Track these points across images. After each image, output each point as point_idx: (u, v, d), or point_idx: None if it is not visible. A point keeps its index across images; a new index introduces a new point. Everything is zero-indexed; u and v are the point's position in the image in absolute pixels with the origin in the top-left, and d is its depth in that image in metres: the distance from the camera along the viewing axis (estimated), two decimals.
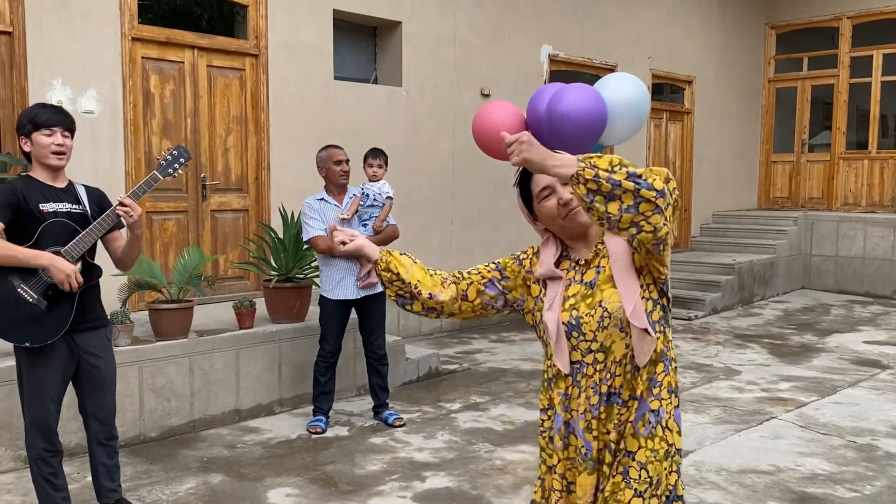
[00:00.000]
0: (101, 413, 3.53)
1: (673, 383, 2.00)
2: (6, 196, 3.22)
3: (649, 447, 1.96)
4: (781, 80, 12.69)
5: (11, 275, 3.21)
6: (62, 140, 3.29)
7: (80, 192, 3.43)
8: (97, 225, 3.29)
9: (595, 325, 1.97)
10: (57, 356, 3.32)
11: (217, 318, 5.54)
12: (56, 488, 3.42)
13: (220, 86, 6.40)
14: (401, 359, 6.14)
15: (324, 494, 4.04)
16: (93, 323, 3.44)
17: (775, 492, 4.10)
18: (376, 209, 5.13)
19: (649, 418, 1.96)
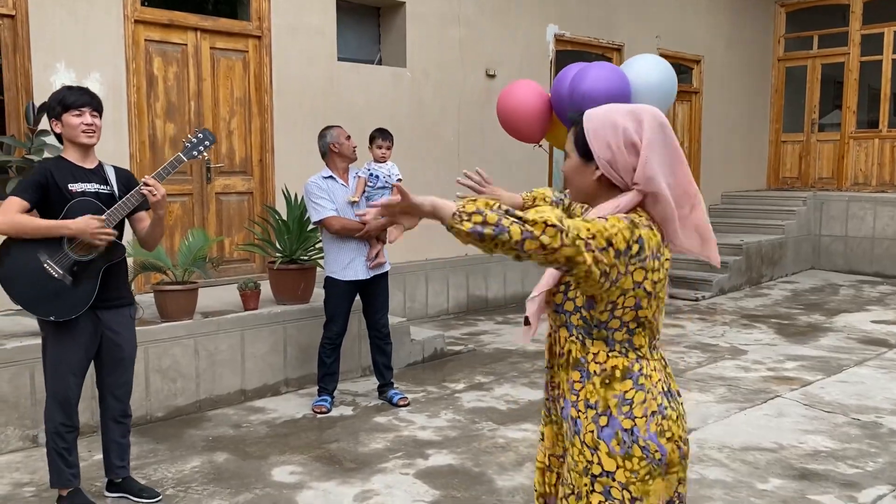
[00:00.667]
0: (119, 390, 3.61)
1: (592, 399, 1.91)
2: (34, 177, 3.34)
3: (572, 455, 1.95)
4: (791, 58, 12.57)
5: (38, 251, 3.30)
6: (91, 119, 3.38)
7: (108, 173, 3.52)
8: (122, 203, 3.38)
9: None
10: (81, 331, 3.41)
11: (222, 300, 5.58)
12: (68, 464, 3.49)
13: (223, 68, 6.40)
14: (406, 340, 6.17)
15: (327, 472, 4.08)
16: (117, 301, 3.53)
17: (777, 468, 4.10)
18: (386, 191, 5.12)
19: (569, 424, 1.95)
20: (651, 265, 1.85)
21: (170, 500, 3.73)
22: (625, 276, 1.81)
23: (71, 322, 3.36)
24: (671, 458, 1.92)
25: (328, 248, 5.07)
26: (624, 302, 1.85)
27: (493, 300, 8.57)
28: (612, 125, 1.88)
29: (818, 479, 3.96)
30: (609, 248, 1.77)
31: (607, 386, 1.90)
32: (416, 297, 7.86)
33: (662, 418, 1.91)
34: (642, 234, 1.83)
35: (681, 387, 5.54)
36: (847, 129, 11.91)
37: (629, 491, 1.88)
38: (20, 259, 3.29)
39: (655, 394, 1.92)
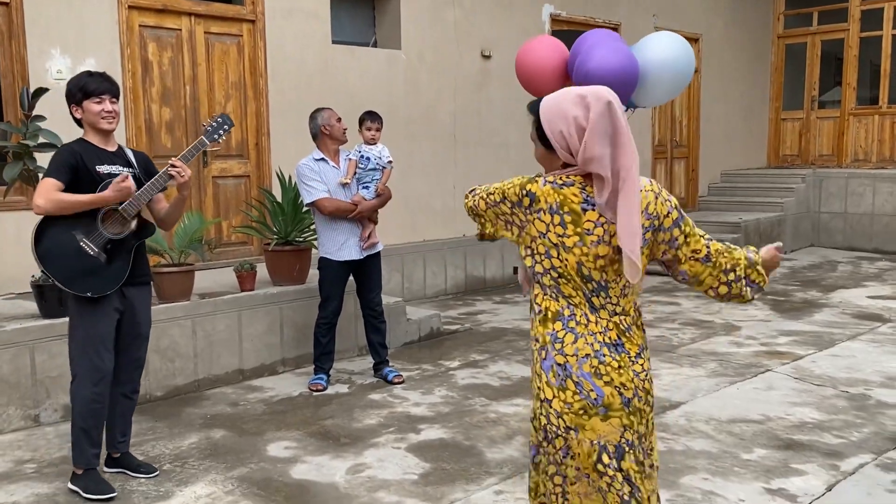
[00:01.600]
0: (133, 366, 3.74)
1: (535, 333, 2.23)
2: (65, 157, 3.43)
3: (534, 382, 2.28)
4: (791, 35, 12.53)
5: (74, 229, 3.43)
6: (111, 107, 3.50)
7: (130, 156, 3.66)
8: (152, 184, 3.51)
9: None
10: (110, 307, 3.53)
11: (220, 282, 5.66)
12: (93, 444, 3.59)
13: (217, 52, 6.46)
14: (402, 319, 6.25)
15: (321, 446, 4.17)
16: (142, 278, 3.68)
17: (762, 439, 4.18)
18: (377, 172, 5.19)
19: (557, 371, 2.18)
20: (549, 219, 2.09)
21: (167, 474, 3.82)
22: (529, 223, 2.13)
23: (101, 298, 3.48)
24: (609, 401, 2.12)
25: (321, 229, 5.13)
26: (537, 248, 2.14)
27: (490, 280, 8.64)
28: (563, 115, 2.07)
29: (802, 449, 4.04)
30: (505, 200, 2.16)
31: (543, 324, 2.18)
32: (413, 278, 7.93)
33: (599, 363, 2.13)
34: (533, 189, 2.12)
35: (672, 363, 5.63)
36: (847, 106, 11.89)
37: (563, 419, 2.14)
38: (57, 238, 3.42)
39: (590, 340, 2.13)
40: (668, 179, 11.22)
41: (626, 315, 2.20)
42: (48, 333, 4.49)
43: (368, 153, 5.15)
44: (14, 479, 3.80)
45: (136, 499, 3.58)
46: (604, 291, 2.16)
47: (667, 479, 3.68)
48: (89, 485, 3.56)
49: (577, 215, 2.08)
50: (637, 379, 2.17)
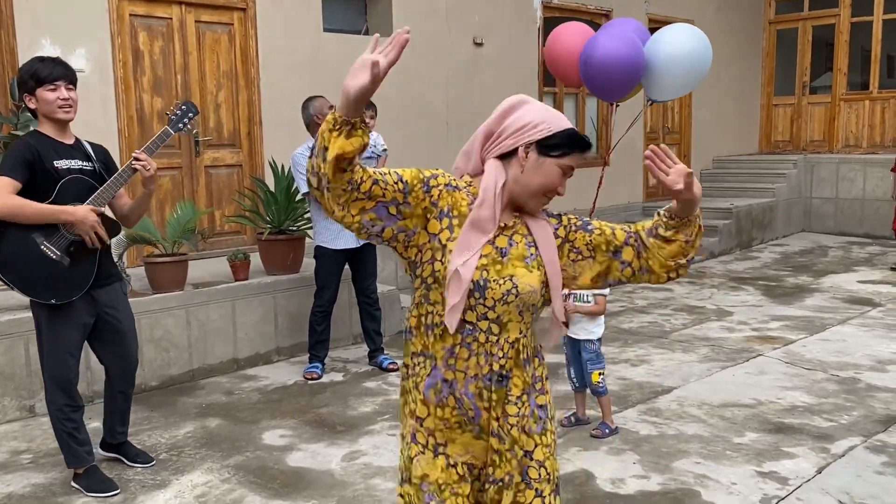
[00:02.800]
0: (124, 362, 3.65)
1: (546, 372, 2.02)
2: (21, 154, 3.21)
3: (544, 443, 1.95)
4: (782, 21, 12.53)
5: (34, 232, 3.23)
6: (67, 94, 3.27)
7: (88, 149, 3.46)
8: (114, 181, 3.34)
9: (499, 295, 1.84)
10: (77, 313, 3.38)
11: (213, 272, 5.66)
12: (80, 442, 3.53)
13: (208, 41, 6.43)
14: (396, 308, 6.26)
15: (316, 434, 4.19)
16: (108, 279, 3.52)
17: (754, 423, 4.22)
18: (373, 160, 5.25)
19: (539, 414, 1.94)
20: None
21: (163, 463, 3.84)
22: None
23: (68, 305, 3.32)
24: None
25: (317, 218, 5.14)
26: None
27: None
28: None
29: (793, 433, 4.08)
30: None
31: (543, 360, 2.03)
32: None
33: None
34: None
35: (665, 348, 5.68)
36: (838, 92, 11.92)
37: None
38: (16, 242, 3.21)
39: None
40: None
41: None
42: None
43: None
44: (10, 470, 3.81)
45: (133, 488, 3.59)
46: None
47: (659, 464, 3.72)
48: (92, 483, 3.53)
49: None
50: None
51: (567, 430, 4.17)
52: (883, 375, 4.97)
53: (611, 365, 5.17)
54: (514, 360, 1.89)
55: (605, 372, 4.13)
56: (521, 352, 1.90)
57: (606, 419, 4.12)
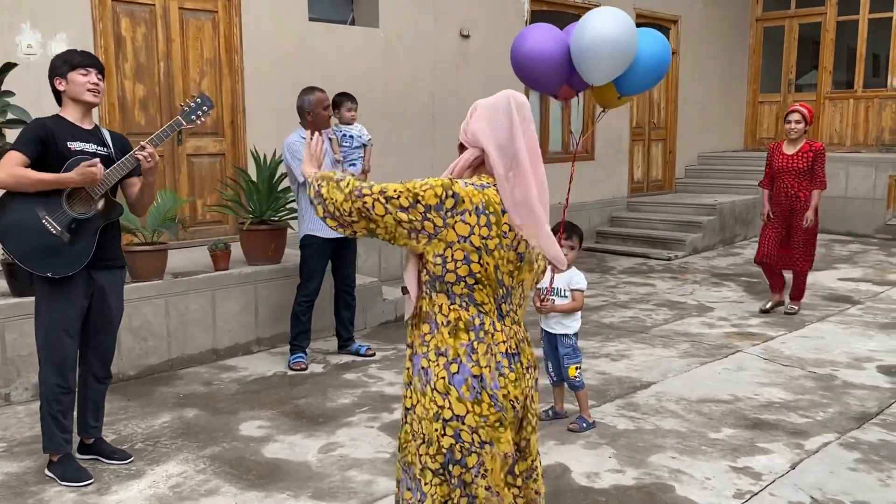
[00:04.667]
0: (103, 352, 3.64)
1: (442, 346, 2.04)
2: (34, 131, 3.32)
3: (422, 404, 2.07)
4: (769, 18, 12.57)
5: (37, 206, 3.31)
6: (97, 80, 3.40)
7: (105, 136, 3.54)
8: (119, 165, 3.39)
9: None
10: (75, 291, 3.42)
11: (195, 261, 5.63)
12: (62, 428, 3.51)
13: (192, 28, 6.37)
14: (378, 299, 6.25)
15: (294, 426, 4.18)
16: (112, 262, 3.56)
17: (730, 419, 4.24)
18: (360, 150, 5.34)
19: (420, 374, 2.08)
20: (474, 220, 1.98)
21: (139, 453, 3.82)
22: (447, 228, 1.96)
23: (66, 280, 3.36)
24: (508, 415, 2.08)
25: (306, 207, 5.11)
26: (453, 254, 1.98)
27: None
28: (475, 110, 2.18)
29: (769, 429, 4.11)
30: (417, 204, 1.95)
31: (454, 336, 2.03)
32: (390, 259, 7.92)
33: (500, 375, 2.07)
34: (457, 190, 1.98)
35: (645, 343, 5.70)
36: (823, 90, 11.98)
37: (478, 434, 2.03)
38: (18, 214, 3.30)
39: (494, 350, 2.07)
40: (645, 161, 11.27)
41: (520, 326, 2.19)
42: (18, 312, 4.45)
43: (350, 132, 5.31)
44: None
45: (107, 477, 3.57)
46: (510, 298, 2.12)
47: (635, 458, 3.74)
48: (66, 471, 3.51)
49: (499, 216, 2.02)
50: (528, 390, 2.16)
51: (545, 423, 4.18)
52: (859, 373, 5.01)
53: (591, 360, 5.18)
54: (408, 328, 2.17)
55: (582, 366, 4.14)
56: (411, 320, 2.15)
57: (584, 413, 4.13)
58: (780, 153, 6.46)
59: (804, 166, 6.33)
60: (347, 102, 5.32)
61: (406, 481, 2.18)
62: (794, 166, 6.37)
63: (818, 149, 6.39)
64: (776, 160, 6.46)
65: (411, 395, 2.13)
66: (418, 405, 2.07)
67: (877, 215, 10.79)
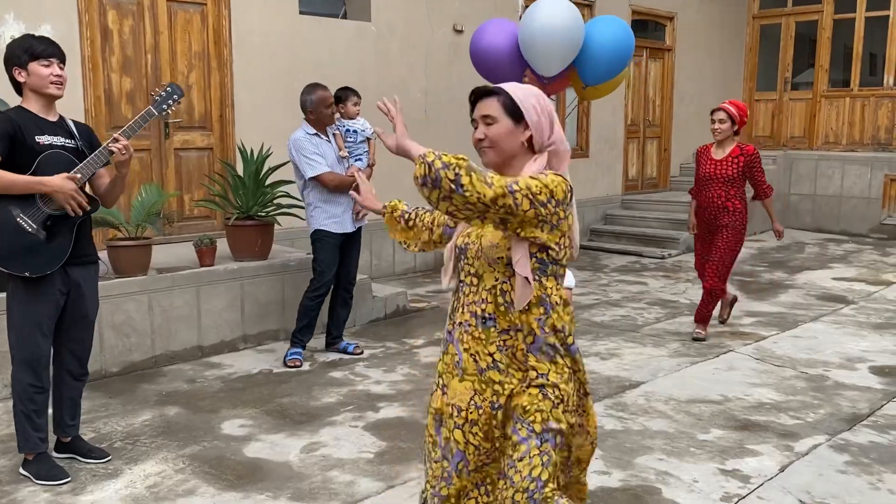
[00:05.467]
0: (79, 348, 3.56)
1: (559, 324, 2.22)
2: (2, 127, 3.18)
3: (555, 370, 2.21)
4: (766, 16, 12.51)
5: (10, 204, 3.21)
6: (59, 71, 3.30)
7: (71, 127, 3.44)
8: (93, 159, 3.30)
9: (474, 252, 2.22)
10: (51, 289, 3.34)
11: (180, 257, 5.55)
12: (36, 427, 3.43)
13: (180, 21, 6.28)
14: (368, 297, 6.19)
15: (277, 425, 4.12)
16: (86, 257, 3.48)
17: (719, 420, 4.18)
18: (365, 144, 5.32)
19: (546, 350, 2.21)
20: (573, 209, 2.25)
21: (117, 452, 3.75)
22: (566, 218, 2.17)
23: (42, 279, 3.28)
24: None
25: (318, 202, 5.06)
26: (565, 241, 2.21)
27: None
28: (534, 95, 2.24)
29: (758, 430, 4.05)
30: (552, 199, 2.10)
31: (564, 312, 2.24)
32: (382, 255, 7.86)
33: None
34: (571, 186, 2.20)
35: (636, 342, 5.64)
36: (819, 88, 11.92)
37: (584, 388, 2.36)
38: None
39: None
40: (640, 159, 11.21)
41: None
42: None
43: (354, 126, 5.30)
44: None
45: (84, 477, 3.50)
46: None
47: (622, 460, 3.68)
48: (41, 470, 3.44)
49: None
50: None
51: None
52: (851, 373, 4.95)
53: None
54: (493, 304, 2.18)
55: None
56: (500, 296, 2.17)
57: None
58: (708, 157, 5.68)
59: (733, 173, 5.52)
60: (353, 97, 5.27)
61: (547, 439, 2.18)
62: (720, 173, 5.55)
63: (750, 153, 5.56)
64: (702, 165, 5.69)
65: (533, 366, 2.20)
66: (550, 373, 2.20)
67: (872, 215, 10.75)
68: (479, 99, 2.25)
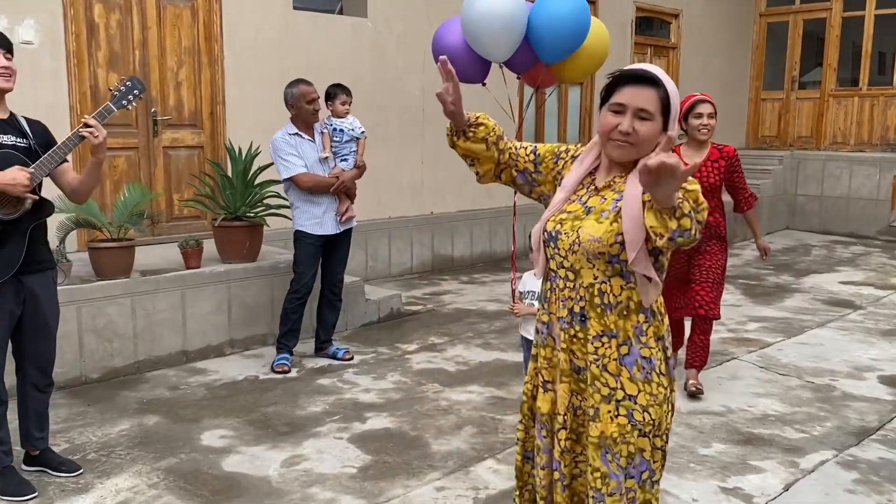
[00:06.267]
0: (41, 359, 3.38)
1: (660, 332, 2.07)
2: None
3: (647, 391, 2.04)
4: (773, 14, 12.30)
5: None
6: (6, 62, 3.10)
7: (23, 125, 3.24)
8: (60, 148, 3.12)
9: (567, 245, 2.05)
10: (6, 298, 3.15)
11: (167, 258, 5.38)
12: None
13: (169, 15, 6.11)
14: (360, 300, 6.01)
15: (258, 436, 3.95)
16: (41, 265, 3.28)
17: (721, 433, 4.00)
18: (353, 144, 5.07)
19: (642, 364, 2.04)
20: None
21: (90, 464, 3.58)
22: None
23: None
24: None
25: (298, 203, 4.95)
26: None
27: (458, 259, 8.42)
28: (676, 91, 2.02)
29: (762, 444, 3.86)
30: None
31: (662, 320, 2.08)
32: (378, 256, 7.69)
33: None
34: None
35: None
36: (827, 87, 11.71)
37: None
38: None
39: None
40: None
41: None
42: None
43: (341, 125, 5.06)
44: None
45: (52, 492, 3.34)
46: None
47: None
48: (7, 485, 3.27)
49: None
50: None
51: None
52: (859, 383, 4.77)
53: None
54: (588, 302, 2.04)
55: None
56: (597, 296, 2.03)
57: None
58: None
59: (714, 181, 4.47)
60: (342, 95, 5.05)
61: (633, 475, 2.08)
62: (701, 182, 4.39)
63: (730, 154, 4.54)
64: None
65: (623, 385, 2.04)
66: (640, 394, 2.03)
67: (880, 216, 10.54)
68: (629, 83, 1.96)
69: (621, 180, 2.03)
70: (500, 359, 5.22)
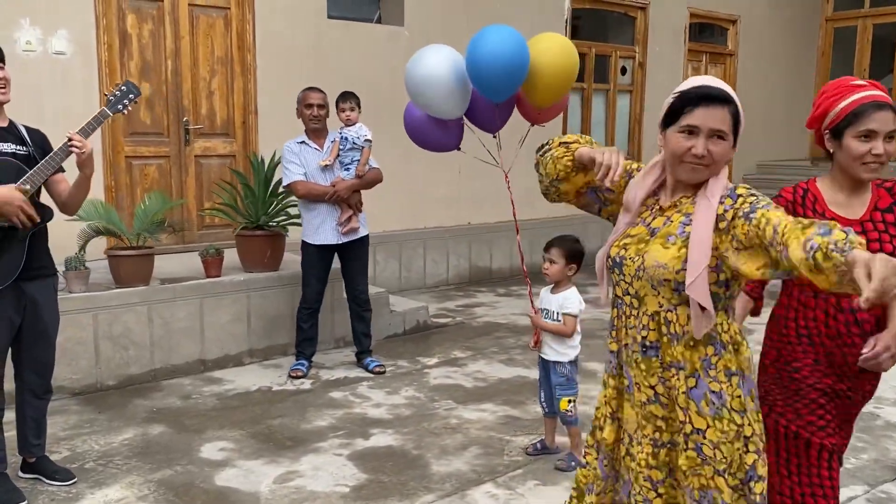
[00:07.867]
0: (40, 366, 3.38)
1: (732, 366, 1.92)
2: None
3: (718, 428, 1.92)
4: (840, 18, 11.74)
5: None
6: (1, 73, 3.11)
7: (23, 133, 3.25)
8: (46, 162, 3.13)
9: (633, 271, 1.98)
10: (6, 306, 3.16)
11: (188, 267, 5.38)
12: None
13: (202, 25, 6.16)
14: (384, 311, 5.91)
15: (258, 449, 3.87)
16: (41, 271, 3.28)
17: None
18: (356, 152, 4.94)
19: (711, 399, 1.92)
20: None
21: (86, 474, 3.56)
22: None
23: None
24: None
25: (301, 211, 5.01)
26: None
27: (497, 271, 8.24)
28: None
29: None
30: None
31: (737, 352, 1.94)
32: (412, 267, 7.59)
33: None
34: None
35: None
36: None
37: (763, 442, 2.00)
38: None
39: None
40: None
41: None
42: None
43: (346, 133, 4.97)
44: None
45: (42, 500, 3.32)
46: None
47: None
48: None
49: None
50: None
51: (532, 459, 3.76)
52: None
53: (592, 388, 4.71)
54: (656, 331, 1.96)
55: (576, 399, 3.69)
56: (664, 325, 1.94)
57: (574, 451, 3.68)
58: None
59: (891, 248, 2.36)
60: (342, 102, 4.99)
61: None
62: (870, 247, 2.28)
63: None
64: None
65: (692, 419, 1.94)
66: (710, 430, 1.92)
67: None
68: (700, 103, 1.88)
69: (688, 201, 1.96)
70: (521, 375, 5.03)
